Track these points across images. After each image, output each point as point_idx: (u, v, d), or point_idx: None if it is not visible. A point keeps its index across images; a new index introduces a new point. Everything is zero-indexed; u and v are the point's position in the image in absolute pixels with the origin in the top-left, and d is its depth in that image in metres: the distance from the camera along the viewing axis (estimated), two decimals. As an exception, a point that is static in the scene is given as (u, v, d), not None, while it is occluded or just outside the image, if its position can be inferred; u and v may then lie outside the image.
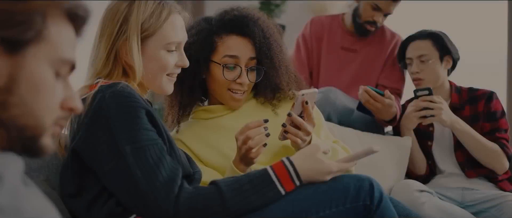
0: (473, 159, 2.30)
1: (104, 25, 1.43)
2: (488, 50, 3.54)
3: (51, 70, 0.80)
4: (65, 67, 0.83)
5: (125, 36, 1.40)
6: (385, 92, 2.29)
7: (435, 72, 2.38)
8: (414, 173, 2.41)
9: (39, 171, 1.43)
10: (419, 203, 2.04)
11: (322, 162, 1.34)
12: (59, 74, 0.82)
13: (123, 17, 1.41)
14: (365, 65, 2.66)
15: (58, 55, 0.81)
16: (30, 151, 0.82)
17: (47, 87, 0.80)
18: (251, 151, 1.50)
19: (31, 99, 0.78)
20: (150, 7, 1.43)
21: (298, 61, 2.67)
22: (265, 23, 1.74)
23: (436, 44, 2.39)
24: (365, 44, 2.68)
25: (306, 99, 1.51)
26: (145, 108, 1.33)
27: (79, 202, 1.36)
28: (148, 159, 1.27)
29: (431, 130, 2.41)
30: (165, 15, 1.44)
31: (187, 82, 1.70)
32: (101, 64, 1.41)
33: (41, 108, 0.79)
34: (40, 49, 0.78)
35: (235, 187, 1.29)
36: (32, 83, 0.78)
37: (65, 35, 0.82)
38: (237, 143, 1.52)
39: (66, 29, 0.83)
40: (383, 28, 2.71)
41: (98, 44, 1.43)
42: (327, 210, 1.29)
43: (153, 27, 1.42)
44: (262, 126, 1.49)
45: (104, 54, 1.41)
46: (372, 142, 2.33)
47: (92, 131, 1.30)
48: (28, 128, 0.79)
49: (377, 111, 2.33)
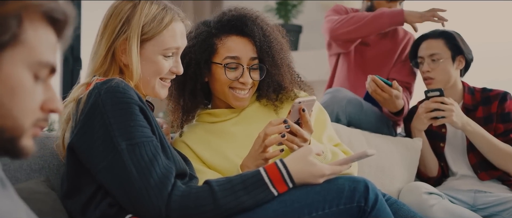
0: (486, 161, 2.26)
1: (107, 23, 1.45)
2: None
3: (29, 73, 0.81)
4: (44, 70, 0.84)
5: (125, 36, 1.42)
6: (393, 83, 2.26)
7: (447, 71, 2.34)
8: (425, 175, 2.38)
9: (40, 172, 1.46)
10: (427, 206, 2.01)
11: (314, 165, 1.33)
12: (38, 76, 0.83)
13: (126, 17, 1.43)
14: (377, 59, 2.64)
15: (36, 58, 0.81)
16: (9, 152, 0.83)
17: (24, 90, 0.81)
18: (266, 151, 1.50)
19: (8, 101, 0.79)
20: (153, 11, 1.44)
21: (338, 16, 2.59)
22: (264, 21, 1.72)
23: (449, 44, 2.36)
24: (378, 39, 2.67)
25: (303, 107, 1.50)
26: (139, 105, 1.34)
27: (74, 204, 1.37)
28: (143, 156, 1.28)
29: (444, 131, 2.37)
30: (167, 21, 1.45)
31: (188, 85, 1.70)
32: (99, 61, 1.44)
33: (19, 110, 0.81)
34: (17, 53, 0.80)
35: (227, 187, 1.29)
36: (9, 86, 0.79)
37: (44, 38, 0.83)
38: (258, 141, 1.51)
39: (44, 32, 0.83)
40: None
41: (100, 40, 1.45)
42: (320, 211, 1.28)
43: (153, 31, 1.44)
44: (284, 125, 1.48)
45: (104, 51, 1.43)
46: (380, 143, 2.30)
47: (87, 127, 1.31)
48: (6, 130, 0.80)
49: (383, 102, 2.30)
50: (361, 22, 2.45)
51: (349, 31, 2.47)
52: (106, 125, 1.29)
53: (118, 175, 1.28)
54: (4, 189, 0.79)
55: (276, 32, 1.75)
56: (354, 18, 2.48)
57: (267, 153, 1.50)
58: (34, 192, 1.37)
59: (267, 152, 1.50)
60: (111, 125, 1.29)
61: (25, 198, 1.26)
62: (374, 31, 2.50)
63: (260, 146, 1.50)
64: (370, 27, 2.46)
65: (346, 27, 2.47)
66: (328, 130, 1.76)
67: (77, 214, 1.37)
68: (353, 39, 2.52)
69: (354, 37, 2.50)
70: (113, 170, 1.28)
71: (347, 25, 2.47)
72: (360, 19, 2.46)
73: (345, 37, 2.50)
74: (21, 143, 0.83)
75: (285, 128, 1.48)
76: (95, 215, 1.33)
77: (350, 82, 2.62)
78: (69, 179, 1.38)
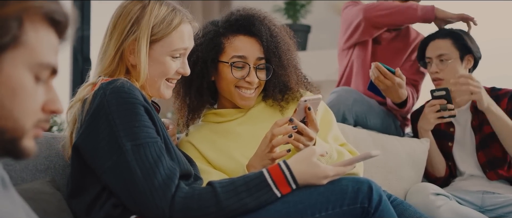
0: (494, 160, 2.24)
1: (116, 23, 1.45)
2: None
3: (30, 74, 0.82)
4: (45, 71, 0.84)
5: (134, 37, 1.42)
6: (396, 70, 2.25)
7: (456, 72, 2.32)
8: (433, 175, 2.36)
9: (45, 173, 1.47)
10: (435, 207, 1.99)
11: (317, 166, 1.33)
12: (39, 78, 0.83)
13: (136, 17, 1.43)
14: (386, 58, 2.63)
15: (37, 59, 0.82)
16: (11, 153, 0.84)
17: (25, 91, 0.81)
18: (273, 151, 1.50)
19: (9, 102, 0.80)
20: (163, 12, 1.45)
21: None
22: (272, 22, 1.73)
23: (457, 44, 2.33)
24: (390, 38, 2.66)
25: (308, 105, 1.50)
26: (144, 105, 1.35)
27: (79, 203, 1.38)
28: (148, 157, 1.29)
29: (452, 130, 2.36)
30: (176, 23, 1.46)
31: (195, 83, 1.71)
32: (108, 62, 1.44)
33: (20, 111, 0.81)
34: (17, 54, 0.80)
35: (230, 189, 1.29)
36: (10, 87, 0.80)
37: (45, 39, 0.84)
38: (265, 141, 1.52)
39: (46, 33, 0.84)
40: (409, 27, 2.71)
41: (108, 41, 1.45)
42: (323, 212, 1.28)
43: (162, 33, 1.44)
44: (290, 126, 1.48)
45: (113, 51, 1.44)
46: (387, 143, 2.29)
47: (92, 127, 1.32)
48: (8, 131, 0.81)
49: (386, 90, 2.29)
50: (394, 9, 2.47)
51: (382, 15, 2.48)
52: (111, 126, 1.30)
53: (122, 176, 1.28)
54: (5, 190, 0.80)
55: (284, 33, 1.75)
56: (388, 4, 2.50)
57: (274, 153, 1.50)
58: (40, 192, 1.38)
59: (274, 152, 1.50)
60: (116, 126, 1.30)
61: (30, 198, 1.27)
62: (404, 21, 2.51)
63: (267, 147, 1.50)
64: (402, 16, 2.46)
65: (379, 10, 2.48)
66: (333, 130, 1.75)
67: (82, 214, 1.38)
68: (382, 24, 2.52)
69: (384, 22, 2.50)
70: (118, 171, 1.29)
71: (381, 9, 2.48)
72: (393, 6, 2.48)
73: (376, 20, 2.50)
74: (22, 144, 0.83)
75: (293, 128, 1.48)
76: (100, 215, 1.34)
77: (364, 78, 2.60)
78: (74, 179, 1.39)
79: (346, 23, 2.63)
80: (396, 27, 2.60)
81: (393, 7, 2.47)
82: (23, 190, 1.33)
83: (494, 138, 2.26)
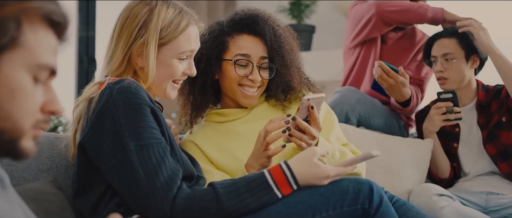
0: (506, 149, 2.21)
1: (123, 26, 1.45)
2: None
3: (28, 75, 0.82)
4: (44, 72, 0.84)
5: (142, 40, 1.43)
6: (399, 69, 2.24)
7: (460, 71, 2.30)
8: (437, 176, 2.35)
9: (47, 172, 1.48)
10: (437, 208, 1.98)
11: (318, 166, 1.33)
12: (38, 79, 0.83)
13: (144, 21, 1.43)
14: (392, 57, 2.62)
15: (35, 60, 0.82)
16: (10, 153, 0.84)
17: (24, 92, 0.82)
18: (268, 148, 1.50)
19: (8, 103, 0.80)
20: (170, 15, 1.45)
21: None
22: (276, 22, 1.75)
23: (462, 43, 2.31)
24: (396, 38, 2.66)
25: (312, 104, 1.50)
26: (150, 106, 1.35)
27: (84, 203, 1.39)
28: (151, 158, 1.29)
29: (457, 131, 2.34)
30: (183, 26, 1.46)
31: (199, 81, 1.72)
32: (116, 65, 1.44)
33: (18, 112, 0.82)
34: (16, 55, 0.80)
35: (231, 190, 1.29)
36: (9, 88, 0.80)
37: (44, 40, 0.84)
38: (259, 139, 1.52)
39: (44, 34, 0.84)
40: (415, 27, 2.70)
41: (116, 44, 1.45)
42: (324, 212, 1.28)
43: (169, 37, 1.45)
44: (284, 120, 1.48)
45: (121, 55, 1.44)
46: (390, 144, 2.29)
47: (98, 126, 1.33)
48: (6, 132, 0.81)
49: (389, 88, 2.28)
50: (406, 7, 2.47)
51: (393, 11, 2.47)
52: (116, 125, 1.31)
53: (125, 175, 1.29)
54: (3, 190, 0.80)
55: (287, 33, 1.77)
56: (400, 1, 2.49)
57: (269, 151, 1.50)
58: (42, 192, 1.38)
59: (269, 150, 1.50)
60: (121, 125, 1.30)
61: (32, 198, 1.28)
62: (414, 19, 2.51)
63: (262, 144, 1.50)
64: (412, 15, 2.46)
65: (391, 6, 2.47)
66: (335, 130, 1.76)
67: (87, 213, 1.39)
68: (393, 20, 2.52)
69: (395, 18, 2.50)
70: (121, 170, 1.29)
71: (393, 5, 2.48)
72: (405, 4, 2.48)
73: (388, 15, 2.49)
74: (21, 144, 0.84)
75: (285, 123, 1.48)
76: (104, 214, 1.34)
77: (372, 77, 2.59)
78: (79, 178, 1.40)
79: (356, 20, 2.63)
80: (404, 25, 2.60)
81: (405, 5, 2.48)
82: (26, 190, 1.34)
83: (501, 125, 2.24)
